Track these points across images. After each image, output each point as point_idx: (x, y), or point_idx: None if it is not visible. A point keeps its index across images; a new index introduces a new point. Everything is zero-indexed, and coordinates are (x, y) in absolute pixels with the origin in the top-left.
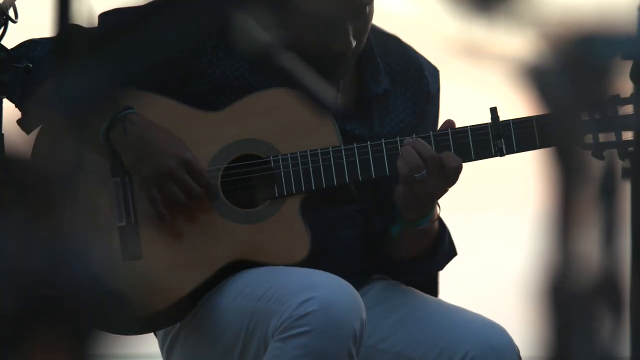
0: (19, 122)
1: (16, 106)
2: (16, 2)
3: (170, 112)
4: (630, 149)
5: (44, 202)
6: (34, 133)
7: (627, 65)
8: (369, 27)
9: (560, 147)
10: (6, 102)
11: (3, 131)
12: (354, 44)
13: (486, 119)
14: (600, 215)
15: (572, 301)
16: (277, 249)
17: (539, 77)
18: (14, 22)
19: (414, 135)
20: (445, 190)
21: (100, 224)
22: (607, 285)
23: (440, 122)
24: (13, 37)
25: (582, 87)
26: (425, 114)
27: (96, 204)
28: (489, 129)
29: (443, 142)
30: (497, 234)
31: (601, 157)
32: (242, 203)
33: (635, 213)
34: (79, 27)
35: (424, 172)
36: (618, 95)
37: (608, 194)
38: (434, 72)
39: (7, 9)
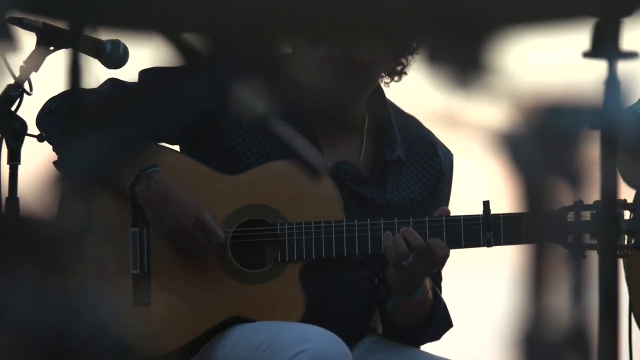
0: (55, 163)
1: (53, 149)
2: (30, 76)
3: (191, 171)
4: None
5: (61, 257)
6: (52, 194)
7: (595, 135)
8: (375, 67)
9: (545, 243)
10: (20, 168)
11: (18, 195)
12: (336, 55)
13: (465, 182)
14: (570, 273)
15: (544, 352)
16: (274, 311)
17: (512, 145)
18: (29, 94)
19: (411, 219)
20: (433, 272)
21: (116, 269)
22: (577, 337)
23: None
24: (28, 109)
25: (553, 155)
26: (439, 191)
27: (114, 250)
28: (480, 221)
29: (437, 227)
30: (477, 290)
31: (582, 257)
32: (248, 263)
33: (603, 271)
34: (118, 81)
35: (411, 259)
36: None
37: (577, 254)
38: (448, 153)
39: (23, 82)
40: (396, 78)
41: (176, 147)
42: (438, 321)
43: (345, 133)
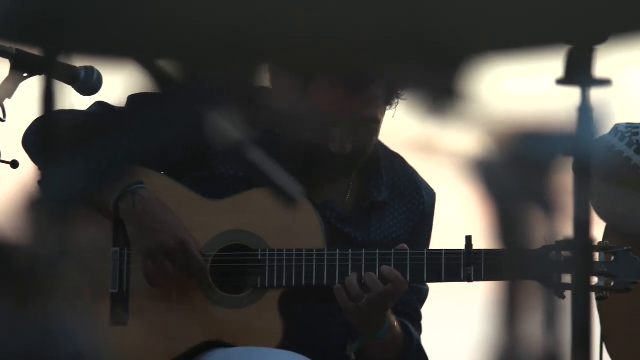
0: (39, 183)
1: (39, 168)
2: (4, 102)
3: (175, 193)
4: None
5: (38, 279)
6: (27, 220)
7: (568, 162)
8: (372, 141)
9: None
10: None
11: None
12: (348, 149)
13: (439, 209)
14: (543, 303)
15: None
16: (251, 337)
17: (486, 172)
18: (2, 121)
19: (392, 251)
20: (392, 304)
21: (96, 289)
22: None
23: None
24: (2, 135)
25: (526, 182)
26: (421, 231)
27: (94, 270)
28: (462, 256)
29: (418, 261)
30: (450, 318)
31: (562, 297)
32: (228, 288)
33: (576, 303)
34: (105, 104)
35: (365, 300)
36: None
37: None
38: (431, 194)
39: None
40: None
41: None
42: (410, 358)
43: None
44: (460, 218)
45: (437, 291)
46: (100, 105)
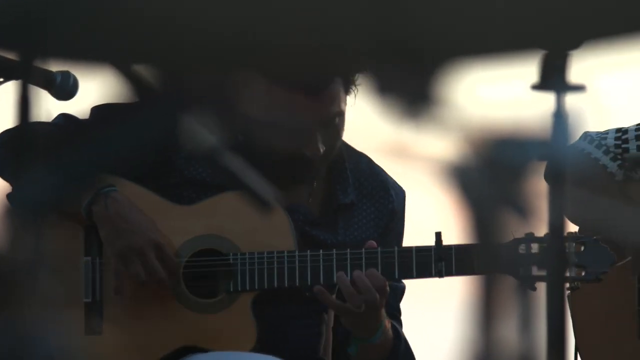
0: (7, 196)
1: (7, 181)
2: None
3: (144, 200)
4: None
5: (12, 289)
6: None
7: (543, 167)
8: (340, 136)
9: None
10: None
11: None
12: (322, 150)
13: (415, 213)
14: (518, 303)
15: None
16: (226, 340)
17: (461, 176)
18: None
19: (363, 250)
20: (383, 302)
21: (69, 298)
22: None
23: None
24: None
25: (500, 186)
26: (390, 230)
27: (67, 280)
28: (432, 252)
29: (389, 258)
30: (427, 320)
31: (533, 289)
32: (200, 293)
33: (551, 301)
34: (69, 116)
35: (364, 307)
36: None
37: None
38: (400, 192)
39: None
40: None
41: None
42: (399, 358)
43: (296, 167)
44: (434, 222)
45: (412, 291)
46: (64, 116)
